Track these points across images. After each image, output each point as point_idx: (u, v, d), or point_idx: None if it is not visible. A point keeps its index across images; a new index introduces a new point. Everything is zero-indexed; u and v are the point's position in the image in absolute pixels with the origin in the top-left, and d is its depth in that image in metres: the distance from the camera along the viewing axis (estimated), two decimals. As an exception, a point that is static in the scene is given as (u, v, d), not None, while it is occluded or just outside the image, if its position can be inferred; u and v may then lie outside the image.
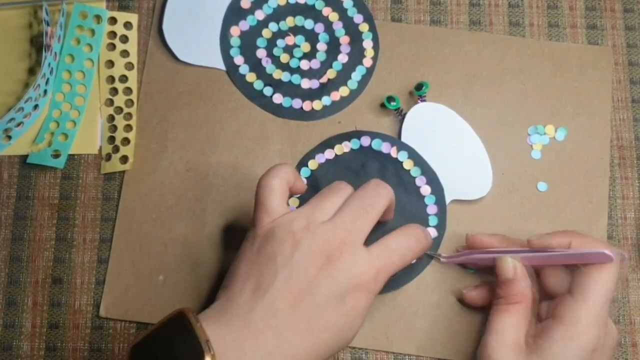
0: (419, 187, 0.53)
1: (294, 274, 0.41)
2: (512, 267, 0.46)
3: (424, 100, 0.54)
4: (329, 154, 0.54)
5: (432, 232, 0.52)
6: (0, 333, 0.52)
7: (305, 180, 0.50)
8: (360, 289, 0.42)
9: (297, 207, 0.53)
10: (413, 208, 0.52)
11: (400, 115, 0.54)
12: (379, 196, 0.45)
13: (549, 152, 0.54)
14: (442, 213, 0.52)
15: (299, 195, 0.53)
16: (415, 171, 0.53)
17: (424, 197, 0.53)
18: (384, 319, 0.51)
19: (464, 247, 0.52)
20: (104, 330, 0.52)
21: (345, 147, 0.54)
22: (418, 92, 0.54)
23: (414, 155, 0.53)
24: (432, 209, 0.52)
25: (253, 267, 0.42)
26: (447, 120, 0.54)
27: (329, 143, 0.54)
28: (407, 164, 0.53)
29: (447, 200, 0.53)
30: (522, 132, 0.55)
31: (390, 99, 0.53)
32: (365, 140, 0.54)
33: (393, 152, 0.53)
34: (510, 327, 0.45)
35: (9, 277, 0.53)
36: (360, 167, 0.53)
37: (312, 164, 0.54)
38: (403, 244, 0.45)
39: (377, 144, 0.53)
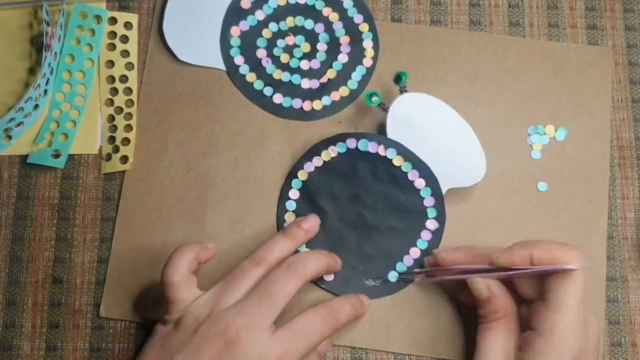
0: (412, 182, 0.52)
1: (191, 356, 0.41)
2: (484, 286, 0.46)
3: (406, 92, 0.54)
4: (317, 161, 0.53)
5: (433, 224, 0.52)
6: (0, 333, 0.52)
7: (212, 247, 0.49)
8: None
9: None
10: (410, 203, 0.52)
11: (385, 110, 0.54)
12: (288, 279, 0.44)
13: (549, 152, 0.54)
14: (440, 204, 0.52)
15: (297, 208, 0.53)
16: (406, 166, 0.52)
17: (419, 190, 0.52)
18: (384, 319, 0.51)
19: (431, 264, 0.51)
20: (104, 330, 0.52)
21: (332, 152, 0.53)
22: (398, 84, 0.54)
23: (402, 150, 0.52)
24: (429, 201, 0.52)
25: (155, 356, 0.43)
26: (432, 108, 0.53)
27: (315, 150, 0.53)
28: (397, 161, 0.53)
29: (443, 190, 0.52)
30: (522, 132, 0.55)
31: (371, 95, 0.53)
32: (351, 143, 0.53)
33: (381, 150, 0.53)
34: (496, 344, 0.45)
35: (9, 277, 0.53)
36: (351, 170, 0.53)
37: (302, 175, 0.53)
38: (308, 325, 0.44)
39: (363, 145, 0.53)
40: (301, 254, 0.47)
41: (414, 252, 0.52)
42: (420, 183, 0.52)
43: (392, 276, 0.52)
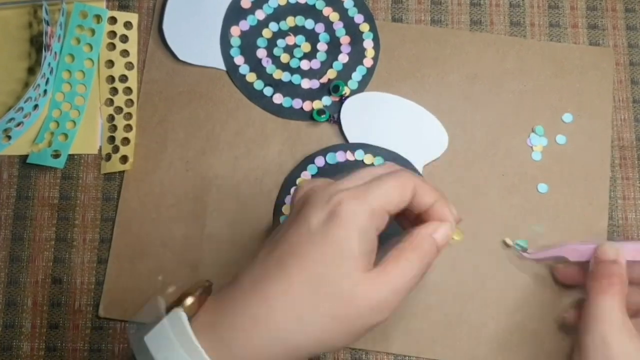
0: None
1: (279, 228, 0.40)
2: (615, 251, 0.47)
3: (347, 98, 0.54)
4: None
5: None
6: (0, 333, 0.52)
7: None
8: (333, 214, 0.37)
9: None
10: None
11: (335, 121, 0.54)
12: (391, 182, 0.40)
13: (549, 153, 0.54)
14: None
15: None
16: (378, 161, 0.53)
17: None
18: (383, 320, 0.51)
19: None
20: (103, 330, 0.52)
21: (305, 177, 0.54)
22: (337, 94, 0.54)
23: (368, 148, 0.53)
24: None
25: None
26: (377, 101, 0.54)
27: (289, 183, 0.53)
28: (368, 159, 0.53)
29: (420, 169, 0.53)
30: (522, 133, 0.55)
31: (320, 112, 0.54)
32: (319, 161, 0.53)
33: (349, 156, 0.53)
34: (617, 308, 0.44)
35: (9, 277, 0.53)
36: None
37: (287, 209, 0.53)
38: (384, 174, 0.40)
39: (331, 158, 0.53)
40: None
41: None
42: None
43: None
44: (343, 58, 0.56)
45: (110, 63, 0.56)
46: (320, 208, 0.38)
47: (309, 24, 0.56)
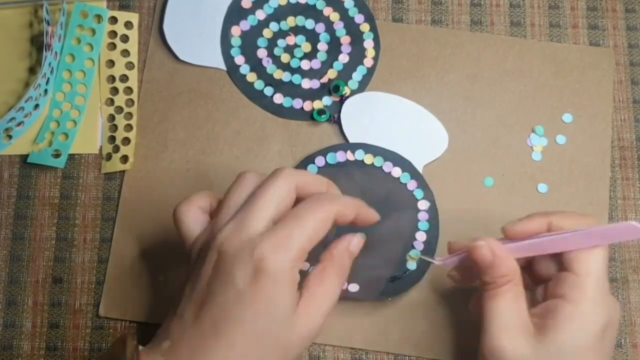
0: (389, 173, 0.53)
1: (196, 280, 0.39)
2: (488, 250, 0.42)
3: (347, 98, 0.55)
4: None
5: (424, 204, 0.53)
6: (1, 333, 0.52)
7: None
8: (259, 270, 0.37)
9: None
10: (396, 193, 0.53)
11: (335, 121, 0.54)
12: (274, 185, 0.40)
13: (549, 154, 0.54)
14: (422, 183, 0.53)
15: None
16: (378, 161, 0.53)
17: (398, 178, 0.53)
18: (382, 320, 0.51)
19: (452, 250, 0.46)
20: (104, 330, 0.52)
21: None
22: (337, 94, 0.54)
23: (369, 148, 0.53)
24: (412, 184, 0.53)
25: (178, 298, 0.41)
26: (377, 102, 0.55)
27: None
28: (368, 159, 0.53)
29: (420, 169, 0.53)
30: (522, 134, 0.55)
31: (320, 112, 0.54)
32: (320, 161, 0.53)
33: (350, 156, 0.53)
34: (508, 307, 0.42)
35: (10, 277, 0.53)
36: None
37: None
38: (302, 210, 0.39)
39: (332, 158, 0.53)
40: None
41: (421, 236, 0.52)
42: (397, 172, 0.53)
43: (412, 265, 0.52)
44: (343, 58, 0.56)
45: (111, 63, 0.56)
46: (243, 265, 0.37)
47: (309, 24, 0.56)
